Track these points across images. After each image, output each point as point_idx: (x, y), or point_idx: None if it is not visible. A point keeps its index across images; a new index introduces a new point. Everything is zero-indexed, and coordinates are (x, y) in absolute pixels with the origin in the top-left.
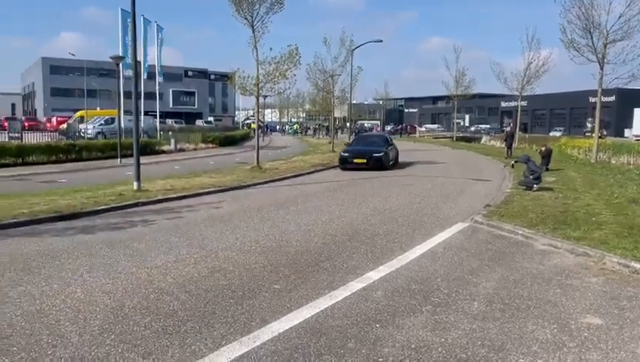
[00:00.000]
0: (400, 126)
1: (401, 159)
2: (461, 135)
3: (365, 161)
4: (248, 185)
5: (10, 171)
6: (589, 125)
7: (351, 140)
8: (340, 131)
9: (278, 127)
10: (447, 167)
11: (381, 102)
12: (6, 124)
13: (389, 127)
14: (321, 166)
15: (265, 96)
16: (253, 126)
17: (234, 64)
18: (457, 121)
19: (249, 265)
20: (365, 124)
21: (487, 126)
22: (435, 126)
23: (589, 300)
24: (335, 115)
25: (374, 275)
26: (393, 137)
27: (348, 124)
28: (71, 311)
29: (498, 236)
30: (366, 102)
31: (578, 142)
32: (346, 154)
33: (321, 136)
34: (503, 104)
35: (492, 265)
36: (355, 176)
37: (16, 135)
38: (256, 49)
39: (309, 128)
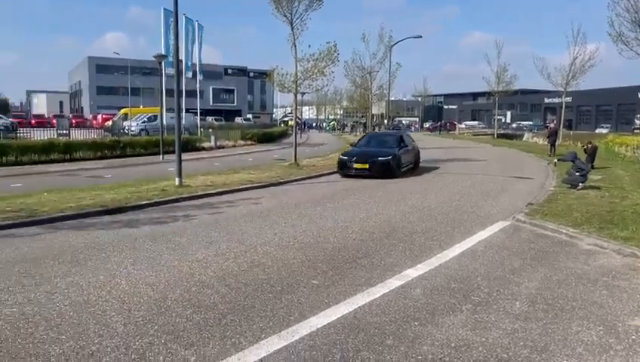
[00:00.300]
0: (439, 123)
1: (437, 156)
2: (502, 132)
3: (367, 166)
4: (286, 182)
5: (59, 166)
6: (637, 122)
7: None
8: (377, 128)
9: (314, 124)
10: (487, 164)
11: (420, 99)
12: (54, 121)
13: (427, 124)
14: None
15: (303, 93)
16: (291, 123)
17: (273, 62)
18: (498, 117)
19: (287, 260)
20: (403, 121)
21: (530, 123)
22: (475, 123)
23: (638, 302)
24: (373, 112)
25: (412, 273)
26: (431, 134)
27: (385, 121)
28: (116, 302)
29: (541, 235)
30: (404, 99)
31: (626, 140)
32: (346, 158)
33: (358, 133)
34: (547, 100)
35: (535, 264)
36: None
37: (64, 132)
38: (295, 46)
39: (346, 125)
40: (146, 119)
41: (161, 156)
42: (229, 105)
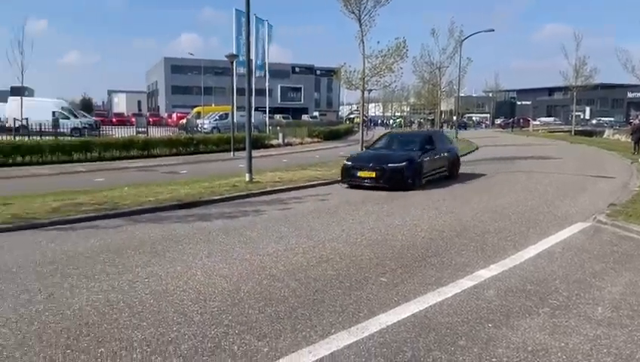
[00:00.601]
0: (511, 119)
1: (510, 154)
2: (580, 128)
3: (374, 174)
4: None
5: (137, 162)
6: None
7: (373, 140)
8: (445, 125)
9: (379, 121)
10: (564, 162)
11: (491, 95)
12: (133, 119)
13: (499, 121)
14: None
15: (369, 90)
16: (357, 120)
17: (340, 59)
18: (577, 113)
19: (355, 256)
20: (473, 118)
21: (611, 119)
22: (551, 119)
23: None
24: (441, 108)
25: (485, 273)
26: (503, 131)
27: (454, 118)
28: (193, 292)
29: (625, 237)
30: (474, 95)
31: None
32: (350, 164)
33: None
34: (630, 95)
35: (618, 268)
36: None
37: (143, 129)
38: (363, 43)
39: (413, 122)
40: (217, 117)
41: (231, 153)
42: (296, 103)
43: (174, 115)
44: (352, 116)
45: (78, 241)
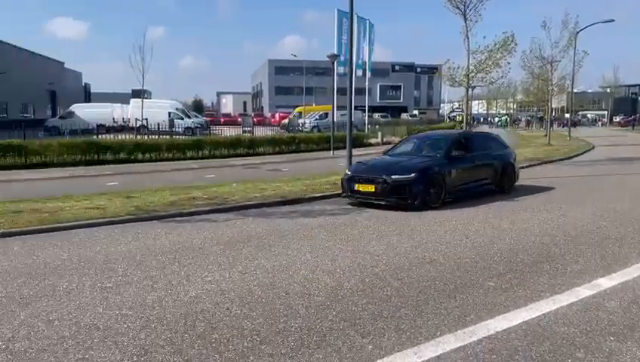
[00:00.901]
0: (632, 117)
1: (622, 154)
2: None
3: (373, 188)
4: None
5: (243, 160)
6: None
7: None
8: (555, 123)
9: (481, 118)
10: None
11: (608, 90)
12: (240, 119)
13: (618, 118)
14: (536, 160)
15: (473, 87)
16: (459, 118)
17: (441, 56)
18: None
19: (460, 258)
20: (588, 115)
21: None
22: None
23: None
24: (552, 106)
25: (605, 283)
26: (621, 129)
27: (567, 115)
28: (298, 286)
29: None
30: (589, 91)
31: None
32: (349, 174)
33: (534, 129)
34: None
35: None
36: (572, 171)
37: (249, 129)
38: (468, 38)
39: (520, 120)
40: (317, 117)
41: (331, 152)
42: (395, 101)
43: (277, 115)
44: (453, 114)
45: (192, 233)
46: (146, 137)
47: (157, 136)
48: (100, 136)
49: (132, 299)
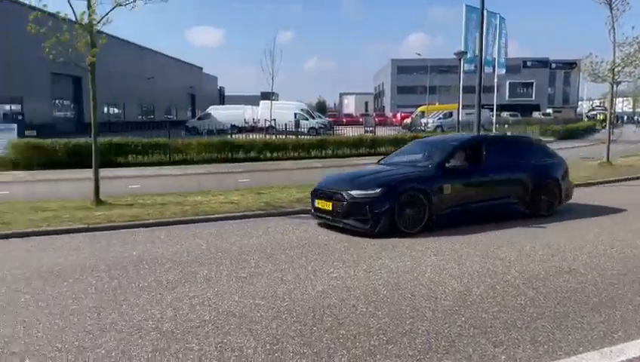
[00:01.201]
0: None
1: None
2: None
3: (330, 206)
4: (597, 183)
5: (365, 160)
6: None
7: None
8: None
9: (625, 117)
10: None
11: None
12: (361, 119)
13: None
14: None
15: (618, 83)
16: (600, 117)
17: (580, 51)
18: None
19: (604, 269)
20: None
21: None
22: None
23: None
24: None
25: None
26: None
27: None
28: (423, 288)
29: None
30: None
31: None
32: (316, 187)
33: None
34: None
35: None
36: None
37: (370, 129)
38: (614, 29)
39: None
40: (441, 116)
41: None
42: (526, 99)
43: (398, 115)
44: (593, 113)
45: (317, 230)
46: (274, 137)
47: (284, 136)
48: (233, 136)
49: (264, 289)
